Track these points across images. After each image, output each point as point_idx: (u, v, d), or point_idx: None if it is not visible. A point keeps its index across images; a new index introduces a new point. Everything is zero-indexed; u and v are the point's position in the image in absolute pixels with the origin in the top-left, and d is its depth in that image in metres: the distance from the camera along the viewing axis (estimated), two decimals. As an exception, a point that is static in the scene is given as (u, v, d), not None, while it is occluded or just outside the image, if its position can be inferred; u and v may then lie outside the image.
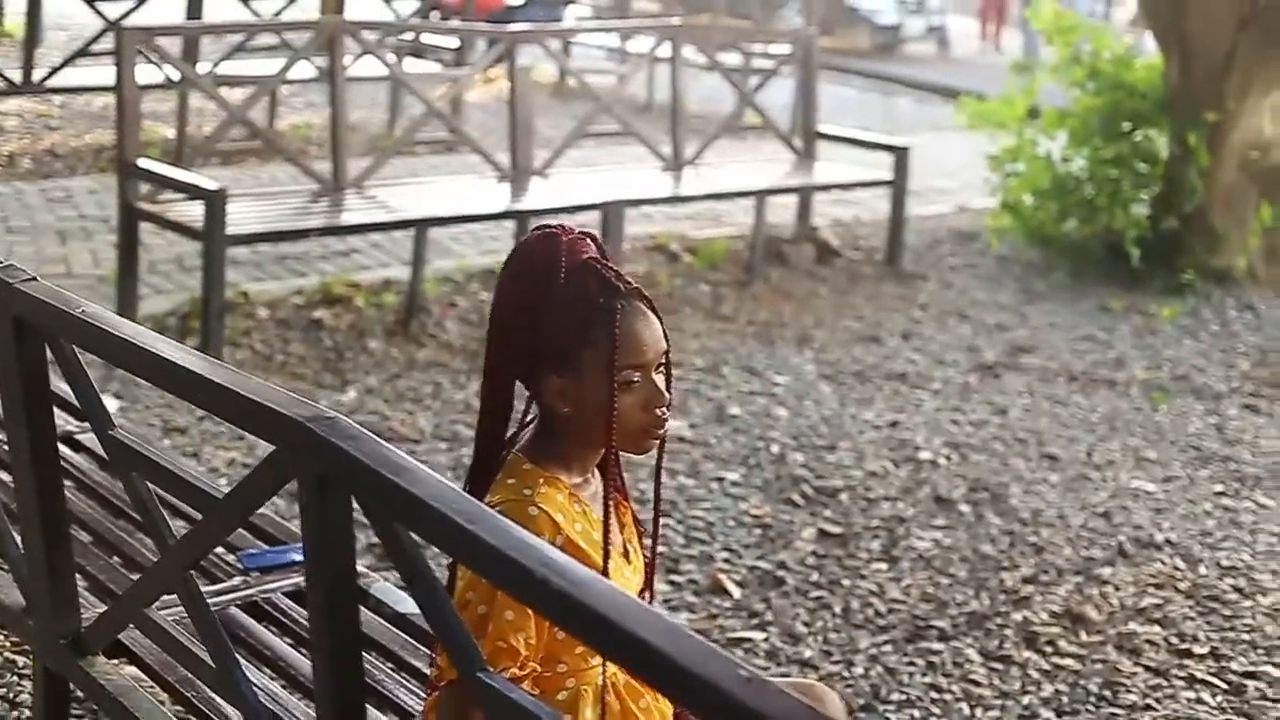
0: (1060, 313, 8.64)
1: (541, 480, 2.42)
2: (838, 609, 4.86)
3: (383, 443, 2.19)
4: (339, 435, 2.19)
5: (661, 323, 2.49)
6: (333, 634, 2.30)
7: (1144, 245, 9.20)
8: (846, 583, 5.05)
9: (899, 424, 6.60)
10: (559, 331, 2.41)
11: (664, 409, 2.46)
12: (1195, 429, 6.86)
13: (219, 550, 3.67)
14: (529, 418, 2.56)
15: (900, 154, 9.25)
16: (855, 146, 9.69)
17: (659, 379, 2.46)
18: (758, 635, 4.65)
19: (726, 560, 5.15)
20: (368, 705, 2.90)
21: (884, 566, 5.19)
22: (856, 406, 6.79)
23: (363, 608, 3.35)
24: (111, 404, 5.98)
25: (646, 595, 2.64)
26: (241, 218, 6.90)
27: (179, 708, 3.09)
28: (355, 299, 7.73)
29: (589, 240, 2.51)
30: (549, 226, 2.52)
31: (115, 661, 3.15)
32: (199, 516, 2.81)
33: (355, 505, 2.21)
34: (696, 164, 8.99)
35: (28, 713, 3.86)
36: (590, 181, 8.43)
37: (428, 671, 3.03)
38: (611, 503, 2.58)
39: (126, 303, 7.06)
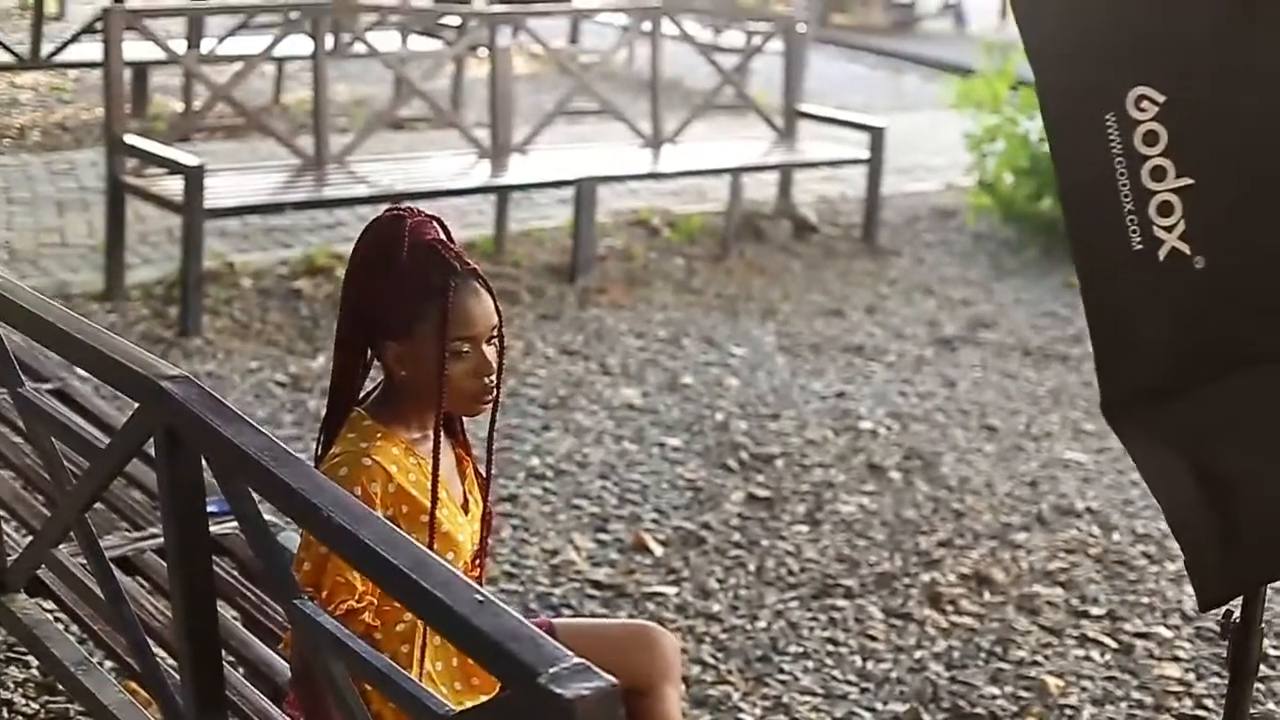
0: (1027, 289, 8.89)
1: (379, 435, 2.72)
2: (752, 567, 5.15)
3: (224, 402, 2.50)
4: (186, 395, 2.50)
5: (495, 301, 2.79)
6: (186, 579, 2.60)
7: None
8: (765, 543, 5.34)
9: (846, 394, 6.87)
10: (397, 302, 2.71)
11: (491, 377, 2.75)
12: (1138, 403, 7.09)
13: (150, 501, 3.99)
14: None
15: (876, 133, 9.50)
16: (834, 125, 9.92)
17: (489, 351, 2.75)
18: (670, 590, 4.94)
19: (655, 520, 5.45)
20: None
21: (805, 529, 5.48)
22: (807, 377, 7.07)
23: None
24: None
25: (484, 542, 2.93)
26: (222, 192, 7.22)
27: (89, 642, 3.41)
28: (337, 270, 8.04)
29: (435, 223, 2.81)
30: (399, 208, 2.82)
31: (36, 600, 3.47)
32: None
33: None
34: (677, 141, 9.25)
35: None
36: (568, 158, 8.72)
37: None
38: (455, 458, 2.89)
39: (114, 272, 7.40)
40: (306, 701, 2.68)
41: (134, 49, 9.10)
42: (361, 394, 2.84)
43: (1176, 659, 4.81)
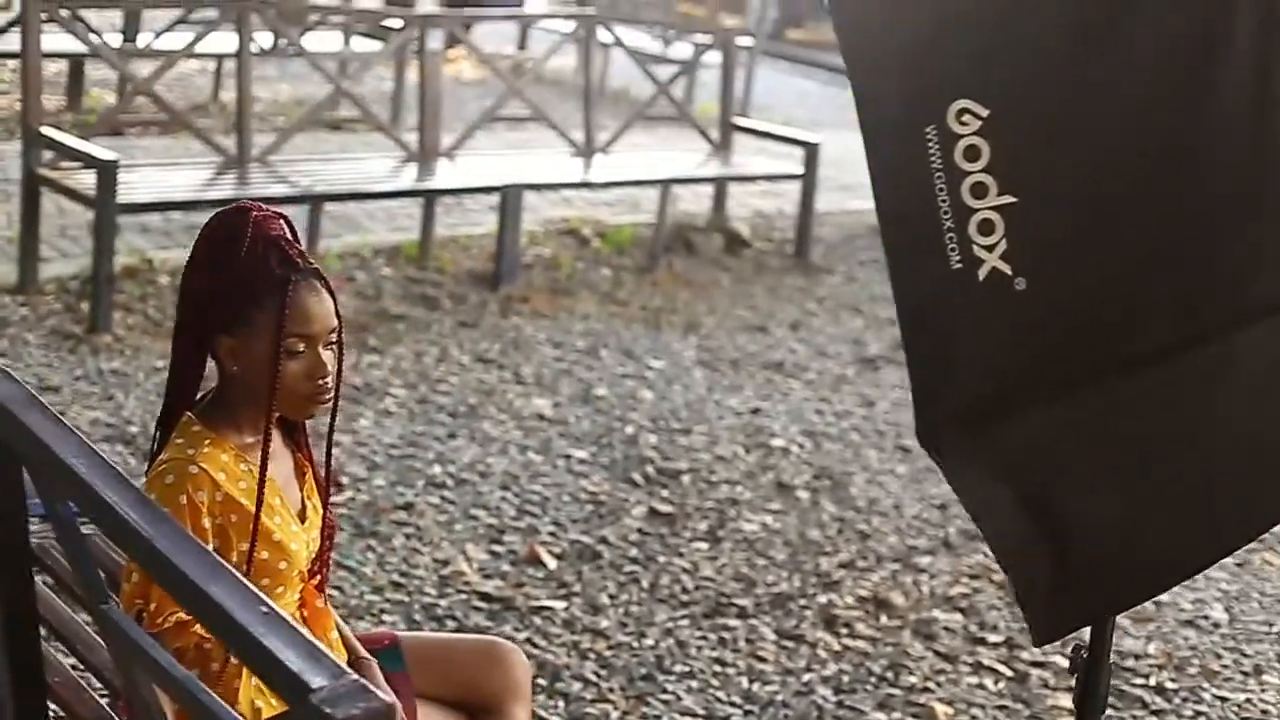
0: (956, 311, 8.82)
1: (207, 441, 2.63)
2: (646, 584, 5.07)
3: (42, 401, 2.41)
4: (3, 394, 2.41)
5: (335, 303, 2.71)
6: (5, 590, 2.51)
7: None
8: (662, 559, 5.26)
9: (761, 411, 6.81)
10: (235, 294, 2.63)
11: (325, 379, 2.66)
12: (1057, 428, 7.04)
13: None
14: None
15: (810, 149, 9.46)
16: (769, 139, 9.88)
17: (326, 354, 2.67)
18: (559, 605, 4.86)
19: (552, 533, 5.36)
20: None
21: (705, 546, 5.40)
22: (723, 393, 7.00)
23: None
24: (-7, 362, 6.20)
25: (324, 552, 2.84)
26: (138, 187, 7.12)
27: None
28: (257, 270, 7.92)
29: (281, 221, 2.73)
30: (246, 203, 2.74)
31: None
32: None
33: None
34: (609, 150, 9.18)
35: None
36: (496, 164, 8.64)
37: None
38: (293, 464, 2.80)
39: (27, 265, 7.29)
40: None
41: (70, 41, 9.00)
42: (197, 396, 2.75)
43: (1071, 689, 4.72)
